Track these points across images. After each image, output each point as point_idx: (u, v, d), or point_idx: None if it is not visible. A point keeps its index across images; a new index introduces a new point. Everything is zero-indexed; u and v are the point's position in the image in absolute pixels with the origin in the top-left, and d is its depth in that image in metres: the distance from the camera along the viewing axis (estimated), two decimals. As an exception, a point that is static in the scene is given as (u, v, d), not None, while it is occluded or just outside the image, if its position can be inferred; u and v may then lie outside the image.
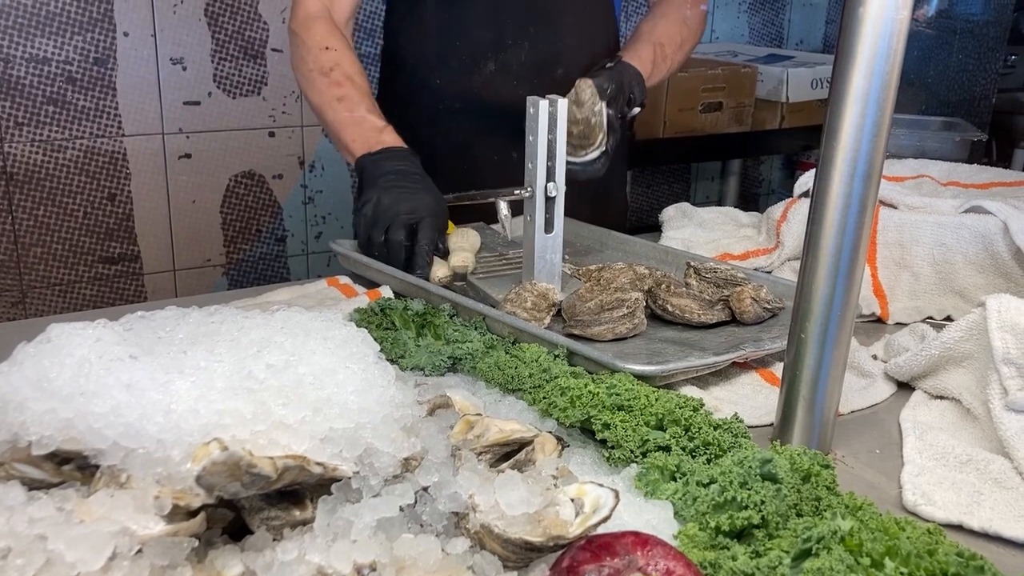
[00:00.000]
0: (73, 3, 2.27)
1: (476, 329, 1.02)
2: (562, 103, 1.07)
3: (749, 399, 0.95)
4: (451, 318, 1.04)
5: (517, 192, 1.12)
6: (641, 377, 0.88)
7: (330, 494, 0.55)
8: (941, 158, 1.49)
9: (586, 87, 1.29)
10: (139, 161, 2.46)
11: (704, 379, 0.97)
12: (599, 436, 0.74)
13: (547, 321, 1.04)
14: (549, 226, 1.12)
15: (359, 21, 2.63)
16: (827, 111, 0.77)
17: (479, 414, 0.72)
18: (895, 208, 1.25)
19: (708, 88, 2.63)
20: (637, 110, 1.33)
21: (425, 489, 0.58)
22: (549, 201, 1.11)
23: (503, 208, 1.27)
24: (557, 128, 1.08)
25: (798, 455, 0.71)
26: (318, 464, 0.53)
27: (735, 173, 3.26)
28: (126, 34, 2.35)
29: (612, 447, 0.73)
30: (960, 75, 3.38)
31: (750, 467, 0.64)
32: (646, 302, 1.11)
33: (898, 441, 0.88)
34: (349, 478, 0.55)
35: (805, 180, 1.35)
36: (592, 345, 1.02)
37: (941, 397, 0.95)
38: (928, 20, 3.29)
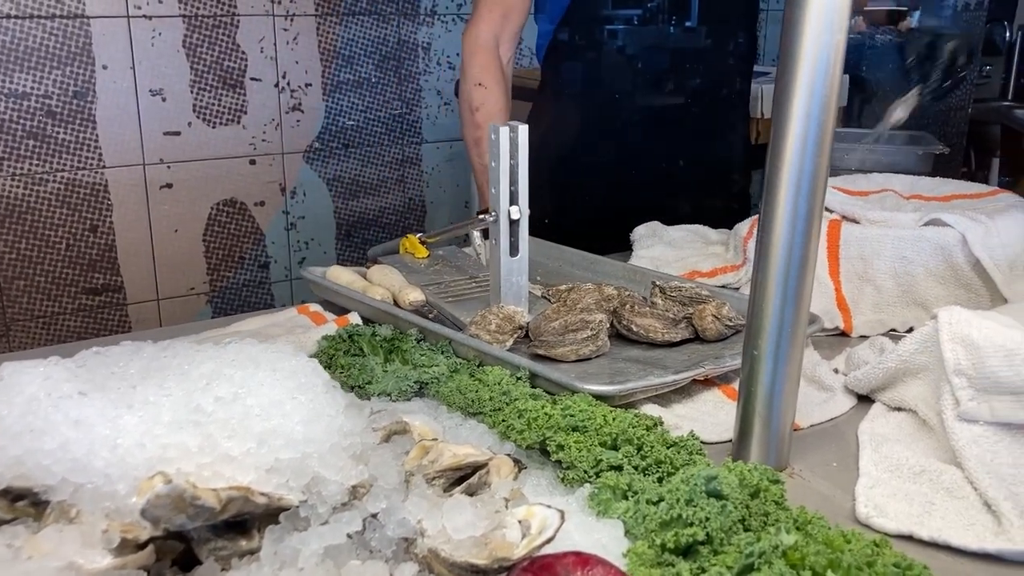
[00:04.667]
0: (51, 38, 2.30)
1: (443, 353, 1.03)
2: (523, 128, 1.09)
3: (711, 416, 0.96)
4: (418, 343, 1.05)
5: (482, 217, 1.14)
6: (600, 397, 0.89)
7: (279, 523, 0.56)
8: (905, 171, 1.51)
9: None
10: (120, 192, 2.47)
11: (666, 397, 0.98)
12: (554, 457, 0.75)
13: (509, 343, 1.05)
14: (514, 249, 1.14)
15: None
16: (771, 133, 0.79)
17: (435, 439, 0.73)
18: (857, 223, 1.27)
19: (683, 106, 2.66)
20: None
21: (374, 515, 0.59)
22: (513, 224, 1.13)
23: (476, 236, 1.29)
24: (519, 153, 1.10)
25: (749, 471, 0.72)
26: (263, 495, 0.54)
27: (715, 188, 3.29)
28: (105, 67, 2.37)
29: (567, 468, 0.74)
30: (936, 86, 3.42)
31: (695, 484, 0.65)
32: (611, 322, 1.12)
33: (855, 454, 0.89)
34: (296, 507, 0.57)
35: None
36: (556, 365, 1.04)
37: (899, 409, 0.97)
38: (902, 33, 3.33)
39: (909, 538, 0.76)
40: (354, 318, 1.12)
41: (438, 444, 0.70)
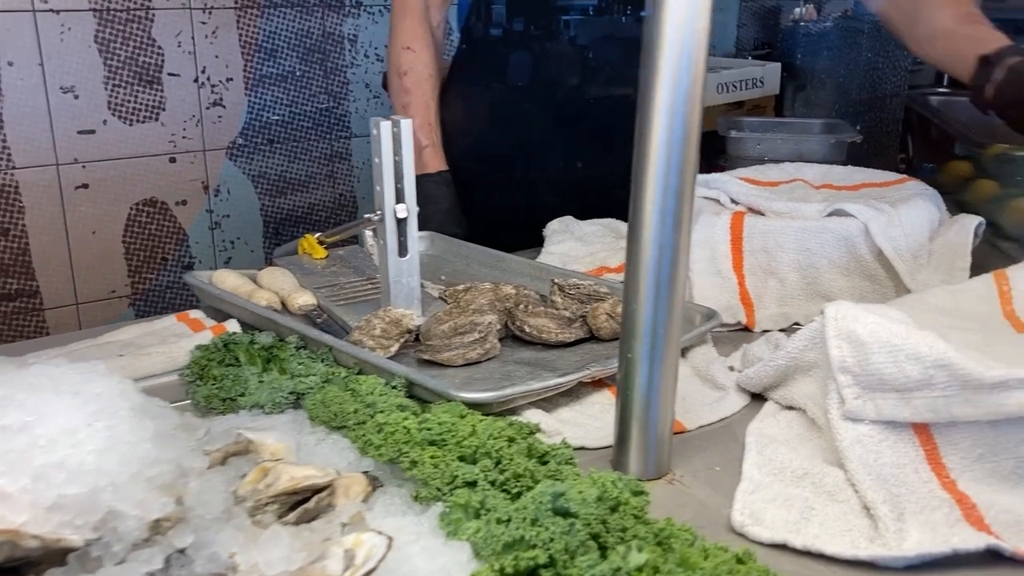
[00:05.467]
0: (-50, 34, 2.20)
1: (323, 361, 0.98)
2: (405, 123, 1.05)
3: (597, 419, 0.92)
4: (298, 350, 1.00)
5: (367, 216, 1.09)
6: (476, 404, 0.85)
7: (65, 566, 0.51)
8: (819, 160, 1.49)
9: None
10: (33, 194, 2.38)
11: (553, 400, 0.94)
12: (407, 474, 0.71)
13: (394, 349, 1.01)
14: (403, 249, 1.09)
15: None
16: (636, 129, 0.75)
17: (279, 459, 0.69)
18: (762, 215, 1.24)
19: (615, 96, 2.62)
20: None
21: (181, 551, 0.54)
22: (400, 223, 1.08)
23: (368, 236, 1.24)
24: (403, 148, 1.05)
25: (612, 482, 0.68)
26: (34, 537, 0.49)
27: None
28: (10, 63, 2.27)
29: (421, 485, 0.70)
30: (871, 73, 3.43)
31: (541, 502, 0.61)
32: (505, 323, 1.08)
33: (741, 456, 0.86)
34: (85, 547, 0.52)
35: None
36: (443, 371, 0.99)
37: (791, 408, 0.94)
38: (835, 21, 3.33)
39: (784, 547, 0.73)
40: (232, 325, 1.07)
41: (278, 465, 0.65)
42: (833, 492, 0.78)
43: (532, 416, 0.90)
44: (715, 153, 1.77)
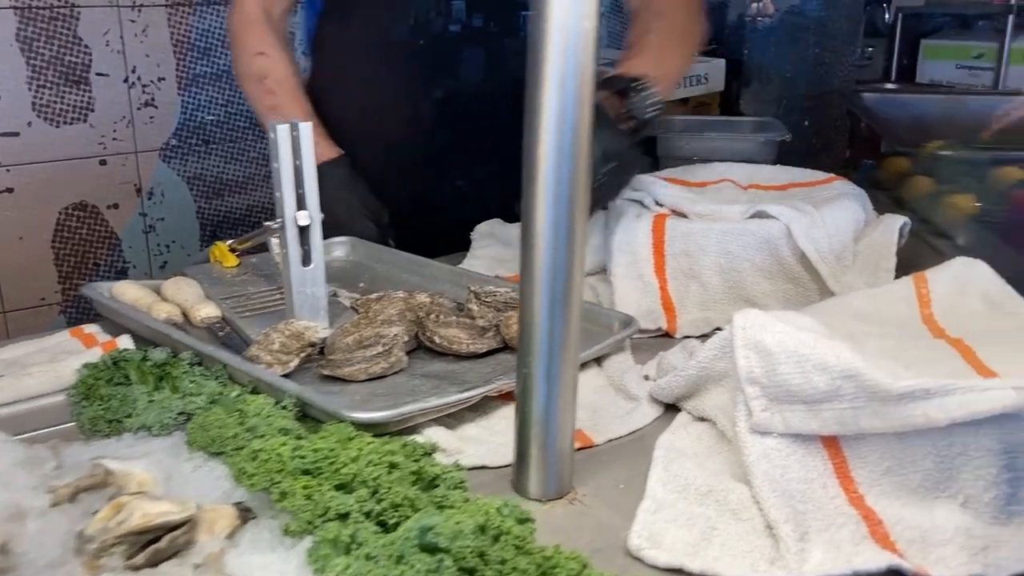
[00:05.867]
0: None
1: (217, 379, 0.93)
2: (304, 127, 1.00)
3: (502, 435, 0.88)
4: (192, 367, 0.95)
5: (267, 224, 1.04)
6: (370, 425, 0.81)
7: None
8: (749, 160, 1.47)
9: None
10: (-47, 199, 2.29)
11: (459, 415, 0.90)
12: (278, 506, 0.67)
13: (294, 364, 0.96)
14: (307, 259, 1.04)
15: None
16: (523, 135, 0.71)
17: (141, 492, 0.64)
18: (684, 217, 1.21)
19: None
20: None
21: (-1, 605, 0.50)
22: (303, 231, 1.03)
23: (275, 244, 1.19)
24: (303, 152, 1.01)
25: (496, 509, 0.65)
26: None
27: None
28: (-74, 64, 2.18)
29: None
30: (818, 69, 3.42)
31: (408, 537, 0.57)
32: (416, 334, 1.04)
33: (648, 472, 0.83)
34: None
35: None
36: (345, 386, 0.95)
37: (703, 419, 0.91)
38: (780, 17, 3.32)
39: (681, 571, 0.69)
40: (124, 341, 1.01)
41: (133, 500, 0.61)
42: (737, 510, 0.75)
43: (434, 434, 0.85)
44: (647, 153, 1.74)
